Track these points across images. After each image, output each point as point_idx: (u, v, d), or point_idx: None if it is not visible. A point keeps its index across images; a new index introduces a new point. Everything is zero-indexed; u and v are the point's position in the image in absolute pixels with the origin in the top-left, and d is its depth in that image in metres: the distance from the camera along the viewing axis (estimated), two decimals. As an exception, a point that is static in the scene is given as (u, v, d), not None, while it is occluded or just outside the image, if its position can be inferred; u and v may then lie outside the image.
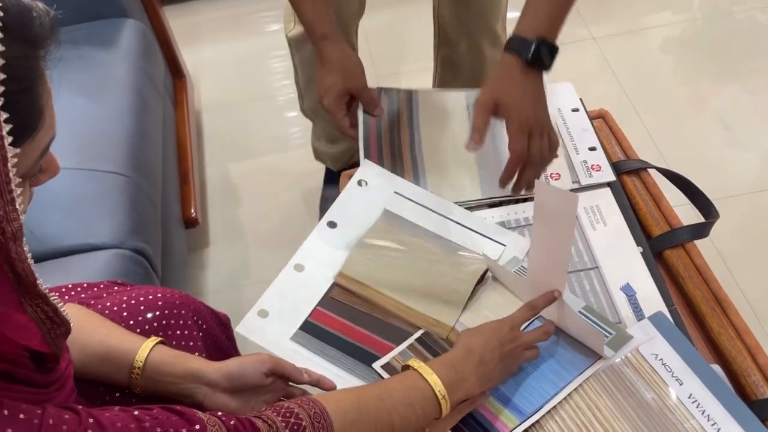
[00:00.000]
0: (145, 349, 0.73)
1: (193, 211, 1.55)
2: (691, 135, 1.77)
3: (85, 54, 1.36)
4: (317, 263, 0.93)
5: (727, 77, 1.94)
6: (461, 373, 0.71)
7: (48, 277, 0.84)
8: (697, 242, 0.93)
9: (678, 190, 1.02)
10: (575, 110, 1.08)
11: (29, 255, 0.50)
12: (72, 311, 0.75)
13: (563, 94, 1.10)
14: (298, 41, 1.35)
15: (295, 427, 0.60)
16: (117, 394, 0.75)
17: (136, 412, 0.55)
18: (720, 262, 1.48)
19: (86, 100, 1.26)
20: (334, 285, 0.91)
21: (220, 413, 0.59)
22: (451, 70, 1.45)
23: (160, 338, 0.76)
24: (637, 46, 2.04)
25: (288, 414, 0.61)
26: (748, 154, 1.74)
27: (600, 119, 1.09)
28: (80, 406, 0.54)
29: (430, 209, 0.98)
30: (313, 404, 0.63)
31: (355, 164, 1.02)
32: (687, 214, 1.03)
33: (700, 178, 1.00)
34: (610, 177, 0.99)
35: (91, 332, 0.75)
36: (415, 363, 0.72)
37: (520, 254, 0.93)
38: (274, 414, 0.61)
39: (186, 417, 0.57)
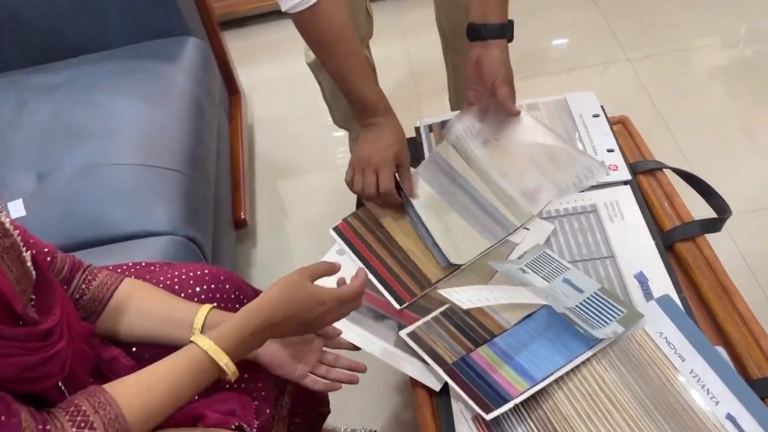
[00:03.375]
0: (202, 312, 0.84)
1: (243, 213, 1.66)
2: (726, 153, 1.80)
3: (150, 67, 1.50)
4: None
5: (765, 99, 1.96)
6: (251, 345, 0.75)
7: (111, 259, 0.95)
8: (725, 252, 0.97)
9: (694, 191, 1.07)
10: (596, 116, 1.15)
11: None
12: (135, 285, 0.86)
13: (585, 101, 1.17)
14: (313, 66, 1.50)
15: None
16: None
17: None
18: (749, 276, 1.50)
19: (150, 106, 1.39)
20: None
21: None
22: (461, 75, 1.52)
23: (213, 305, 0.86)
24: (674, 69, 2.08)
25: (83, 424, 0.63)
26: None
27: (620, 124, 1.16)
28: None
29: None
30: (108, 407, 0.65)
31: None
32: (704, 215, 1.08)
33: (733, 193, 1.04)
34: (626, 176, 1.05)
35: (154, 301, 0.85)
36: (205, 343, 0.71)
37: (542, 240, 1.00)
38: (69, 422, 0.63)
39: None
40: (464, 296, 0.78)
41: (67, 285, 0.82)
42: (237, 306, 0.91)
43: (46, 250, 0.80)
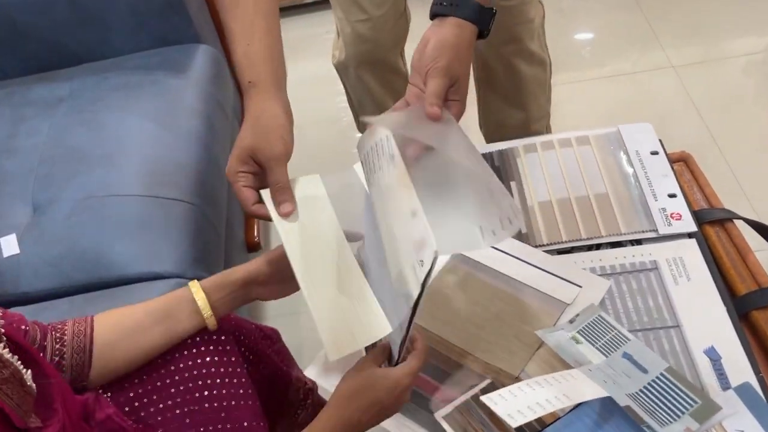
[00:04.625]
0: (195, 290, 0.78)
1: (256, 235, 1.56)
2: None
3: (158, 79, 1.38)
4: None
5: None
6: None
7: (113, 305, 0.85)
8: None
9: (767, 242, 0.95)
10: (654, 153, 1.02)
11: None
12: (109, 316, 0.79)
13: (642, 135, 1.05)
14: (340, 67, 1.40)
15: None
16: None
17: None
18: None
19: (157, 126, 1.28)
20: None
21: None
22: (491, 89, 1.45)
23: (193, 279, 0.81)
24: (720, 76, 1.94)
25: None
26: None
27: (681, 162, 1.03)
28: None
29: (501, 250, 0.95)
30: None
31: None
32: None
33: None
34: (691, 227, 0.93)
35: (142, 314, 0.79)
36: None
37: (596, 299, 0.88)
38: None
39: None
40: (512, 405, 0.67)
41: (43, 353, 0.73)
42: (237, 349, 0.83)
43: (16, 318, 0.72)
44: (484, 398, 0.69)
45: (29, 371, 0.62)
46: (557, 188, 1.01)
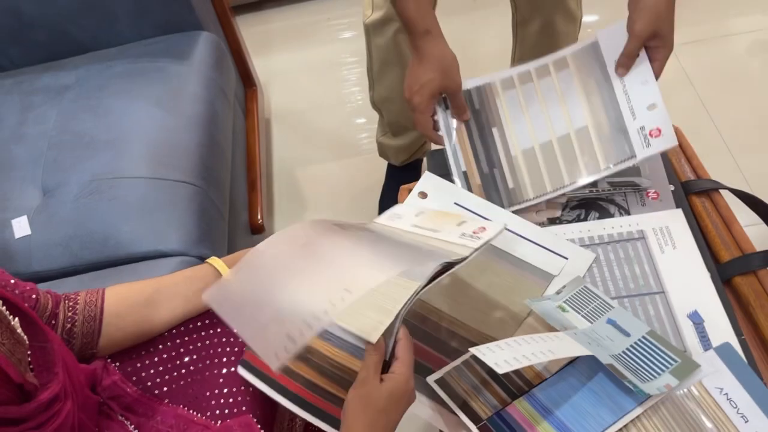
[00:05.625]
0: (219, 264, 0.85)
1: (259, 217, 1.59)
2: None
3: (162, 66, 1.42)
4: None
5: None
6: None
7: (119, 281, 0.89)
8: None
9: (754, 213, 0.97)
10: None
11: None
12: (119, 288, 0.83)
13: (620, 37, 0.96)
14: (375, 27, 1.39)
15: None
16: None
17: None
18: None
19: (162, 111, 1.31)
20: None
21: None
22: (528, 47, 1.47)
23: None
24: (717, 54, 1.95)
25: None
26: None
27: (670, 136, 1.05)
28: None
29: (490, 221, 0.97)
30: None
31: (418, 161, 0.99)
32: (764, 237, 0.98)
33: None
34: (672, 142, 0.90)
35: (153, 285, 0.84)
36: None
37: (581, 271, 0.91)
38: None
39: None
40: (500, 356, 0.70)
41: (54, 320, 0.78)
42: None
43: (28, 288, 0.76)
44: (473, 349, 0.72)
45: (17, 319, 0.64)
46: (539, 130, 1.00)
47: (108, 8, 1.46)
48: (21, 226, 1.14)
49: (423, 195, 1.02)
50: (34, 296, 0.75)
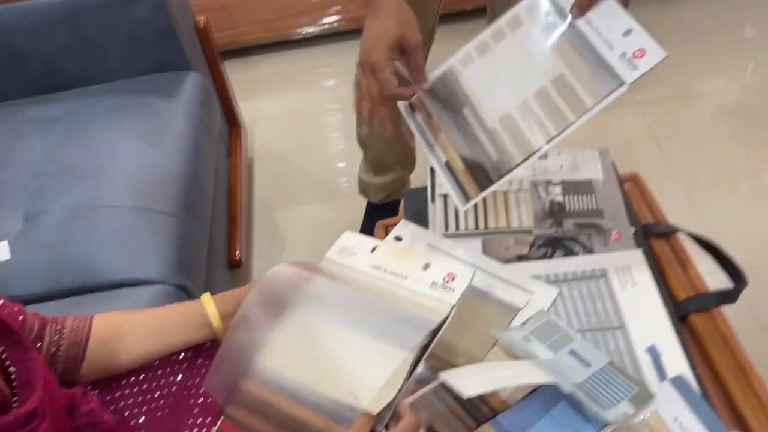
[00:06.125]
0: (207, 302, 0.84)
1: (238, 253, 1.62)
2: (737, 206, 1.76)
3: (150, 103, 1.47)
4: None
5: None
6: None
7: (97, 308, 0.91)
8: (737, 311, 0.93)
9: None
10: None
11: None
12: (109, 316, 0.84)
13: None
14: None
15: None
16: None
17: None
18: (758, 332, 1.45)
19: (147, 145, 1.36)
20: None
21: None
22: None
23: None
24: (682, 114, 2.05)
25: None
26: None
27: (631, 182, 1.11)
28: None
29: (463, 260, 1.02)
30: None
31: (396, 201, 0.98)
32: (719, 283, 1.03)
33: (742, 247, 0.99)
34: (660, 54, 0.86)
35: (143, 317, 0.85)
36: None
37: (546, 305, 0.95)
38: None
39: None
40: (468, 381, 0.73)
41: (40, 342, 0.78)
42: None
43: (16, 309, 0.77)
44: (441, 373, 0.75)
45: None
46: (512, 94, 0.96)
47: (101, 46, 1.52)
48: (1, 251, 1.16)
49: (398, 239, 1.06)
50: (21, 317, 0.77)
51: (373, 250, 0.94)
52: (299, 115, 2.29)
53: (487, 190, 0.94)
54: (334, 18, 2.42)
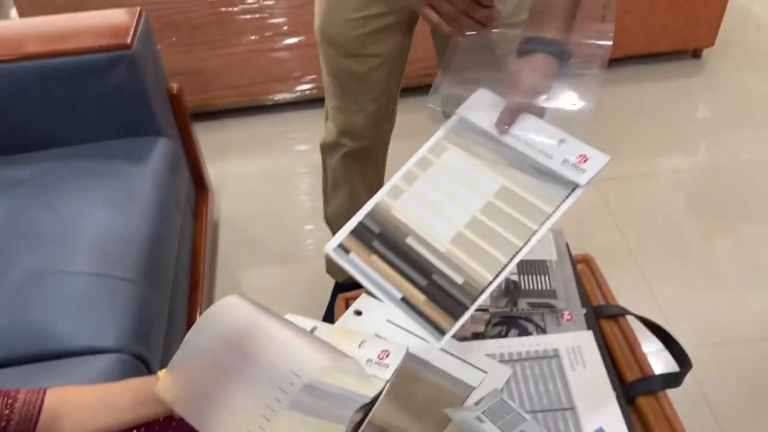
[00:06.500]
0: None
1: (198, 317, 1.61)
2: (689, 284, 1.82)
3: (118, 168, 1.48)
4: None
5: (731, 224, 2.00)
6: None
7: (50, 378, 0.90)
8: (687, 389, 0.96)
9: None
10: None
11: None
12: (63, 391, 0.83)
13: (483, 105, 0.97)
14: (327, 148, 1.49)
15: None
16: None
17: None
18: (707, 409, 1.48)
19: (113, 210, 1.36)
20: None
21: None
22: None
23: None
24: (639, 191, 2.13)
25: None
26: (750, 301, 1.76)
27: (583, 263, 1.16)
28: None
29: (417, 336, 1.03)
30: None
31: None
32: (665, 361, 1.07)
33: (693, 325, 1.03)
34: (604, 158, 0.88)
35: (94, 392, 0.84)
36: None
37: (499, 384, 0.97)
38: None
39: None
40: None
41: None
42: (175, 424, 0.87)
43: None
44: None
45: None
46: (455, 215, 0.92)
47: (71, 109, 1.54)
48: (-44, 314, 1.15)
49: (358, 313, 1.08)
50: None
51: (312, 330, 0.97)
52: (268, 179, 2.32)
53: (463, 318, 0.84)
54: (307, 86, 2.48)
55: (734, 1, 2.54)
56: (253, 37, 2.33)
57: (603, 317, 1.06)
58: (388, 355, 0.90)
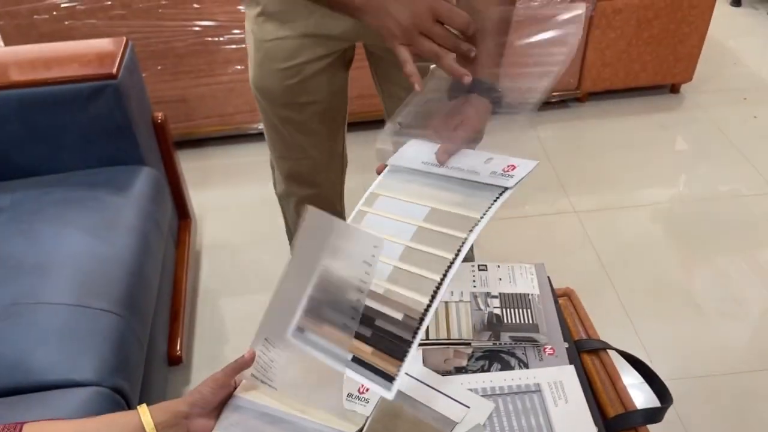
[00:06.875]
0: (144, 414, 0.82)
1: (178, 349, 1.59)
2: (669, 316, 1.83)
3: (100, 196, 1.47)
4: None
5: (710, 255, 2.03)
6: None
7: (27, 412, 0.88)
8: (667, 420, 0.96)
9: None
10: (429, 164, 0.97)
11: None
12: (41, 427, 0.81)
13: (418, 149, 0.99)
14: (281, 198, 1.53)
15: None
16: None
17: None
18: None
19: (94, 239, 1.35)
20: None
21: None
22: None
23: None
24: (620, 223, 2.15)
25: None
26: (731, 333, 1.78)
27: (565, 297, 1.16)
28: None
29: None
30: None
31: None
32: (645, 394, 1.07)
33: (674, 357, 1.03)
34: (531, 163, 0.88)
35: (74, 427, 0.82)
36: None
37: (482, 419, 0.96)
38: None
39: None
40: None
41: None
42: None
43: None
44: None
45: None
46: (391, 251, 0.89)
47: (55, 137, 1.53)
48: (-70, 346, 1.12)
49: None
50: None
51: None
52: (250, 207, 2.31)
53: (408, 356, 0.81)
54: (290, 115, 2.49)
55: (711, 38, 2.61)
56: (239, 67, 2.34)
57: (585, 351, 1.07)
58: (368, 390, 0.89)
